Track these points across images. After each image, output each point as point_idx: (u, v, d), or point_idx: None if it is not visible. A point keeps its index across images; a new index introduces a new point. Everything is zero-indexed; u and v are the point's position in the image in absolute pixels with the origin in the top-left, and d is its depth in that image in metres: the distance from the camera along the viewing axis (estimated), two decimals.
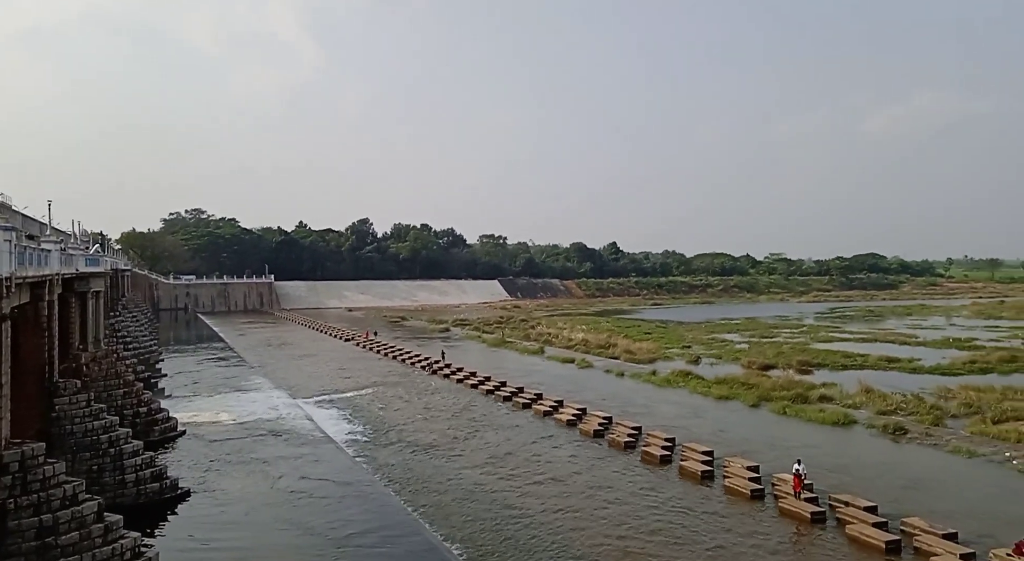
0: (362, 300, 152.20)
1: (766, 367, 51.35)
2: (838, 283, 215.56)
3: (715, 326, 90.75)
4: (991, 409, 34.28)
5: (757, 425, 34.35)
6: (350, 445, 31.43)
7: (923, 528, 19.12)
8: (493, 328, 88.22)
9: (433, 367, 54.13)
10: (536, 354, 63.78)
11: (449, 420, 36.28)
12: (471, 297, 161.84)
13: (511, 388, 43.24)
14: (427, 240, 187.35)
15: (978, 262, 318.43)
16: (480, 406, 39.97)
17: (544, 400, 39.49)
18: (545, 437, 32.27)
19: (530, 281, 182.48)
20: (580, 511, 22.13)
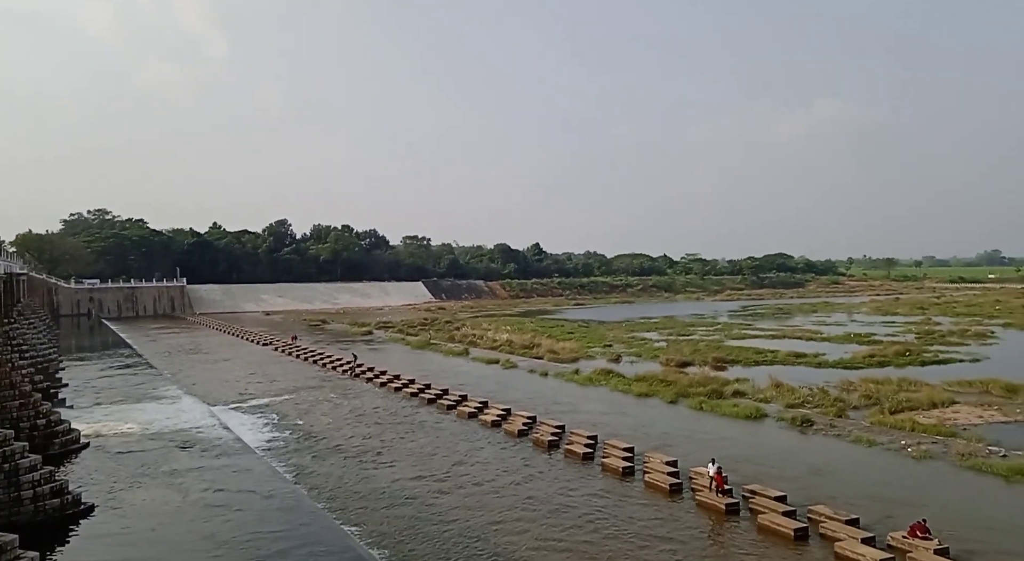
0: (280, 303, 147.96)
1: (683, 364, 53.01)
2: (749, 282, 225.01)
3: (635, 325, 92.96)
4: (888, 400, 36.54)
5: (675, 421, 35.40)
6: (270, 454, 30.41)
7: (828, 515, 20.19)
8: (417, 330, 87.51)
9: (355, 371, 53.19)
10: (461, 356, 63.65)
11: (373, 425, 35.72)
12: (395, 299, 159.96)
13: (436, 390, 42.99)
14: (348, 241, 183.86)
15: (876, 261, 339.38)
16: (405, 410, 39.56)
17: (469, 402, 39.44)
18: (470, 439, 32.24)
19: (454, 282, 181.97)
20: (508, 512, 22.21)
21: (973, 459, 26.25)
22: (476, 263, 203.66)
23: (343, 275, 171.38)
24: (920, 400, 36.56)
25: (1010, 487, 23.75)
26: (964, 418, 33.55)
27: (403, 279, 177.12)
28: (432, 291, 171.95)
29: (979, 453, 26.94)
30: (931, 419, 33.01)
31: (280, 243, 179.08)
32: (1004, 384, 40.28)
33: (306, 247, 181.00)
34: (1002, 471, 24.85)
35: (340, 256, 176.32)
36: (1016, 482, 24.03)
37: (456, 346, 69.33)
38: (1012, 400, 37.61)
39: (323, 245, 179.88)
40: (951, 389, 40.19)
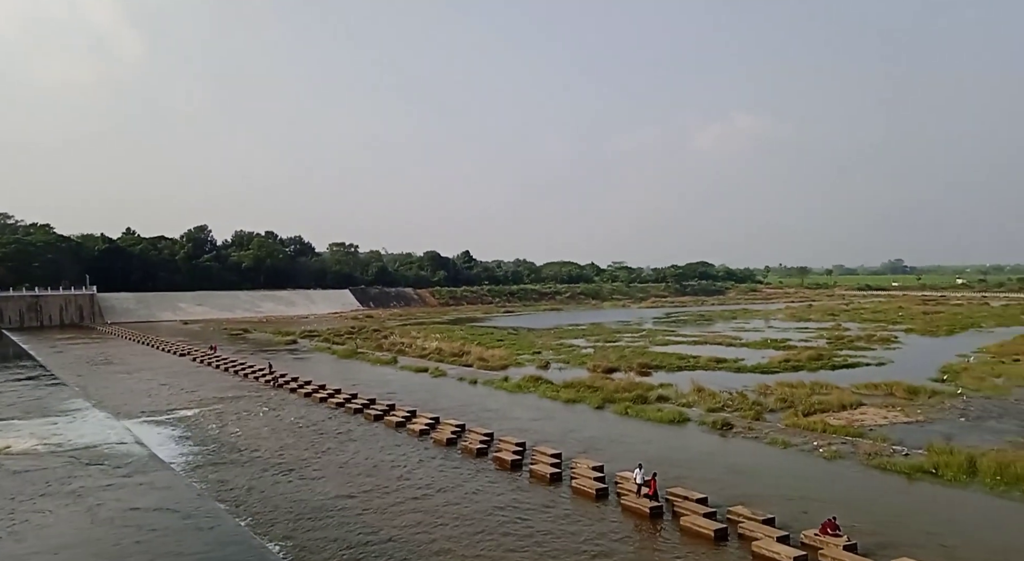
0: (199, 312, 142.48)
1: (610, 370, 53.99)
2: (673, 289, 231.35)
3: (564, 332, 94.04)
4: (802, 403, 38.26)
5: (602, 426, 35.97)
6: (188, 469, 29.17)
7: (746, 515, 20.93)
8: (344, 339, 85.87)
9: (279, 381, 51.73)
10: (389, 364, 62.84)
11: (297, 437, 34.80)
12: (321, 307, 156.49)
13: (363, 400, 42.29)
14: (272, 248, 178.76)
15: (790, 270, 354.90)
16: (331, 421, 38.73)
17: (397, 411, 38.99)
18: (399, 449, 31.84)
19: (383, 290, 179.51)
20: (437, 522, 22.02)
21: (879, 458, 27.74)
22: (405, 271, 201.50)
23: (267, 283, 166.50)
24: (831, 402, 38.43)
25: (912, 484, 25.21)
26: (871, 419, 35.44)
27: (330, 287, 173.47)
28: (360, 299, 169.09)
29: (884, 452, 28.50)
30: (841, 420, 34.72)
31: (199, 250, 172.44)
32: (906, 386, 42.82)
33: (227, 254, 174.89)
34: (904, 469, 26.36)
35: (263, 263, 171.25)
36: (917, 479, 25.54)
37: (384, 355, 68.41)
38: (913, 401, 39.99)
39: (245, 252, 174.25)
40: (859, 392, 42.38)
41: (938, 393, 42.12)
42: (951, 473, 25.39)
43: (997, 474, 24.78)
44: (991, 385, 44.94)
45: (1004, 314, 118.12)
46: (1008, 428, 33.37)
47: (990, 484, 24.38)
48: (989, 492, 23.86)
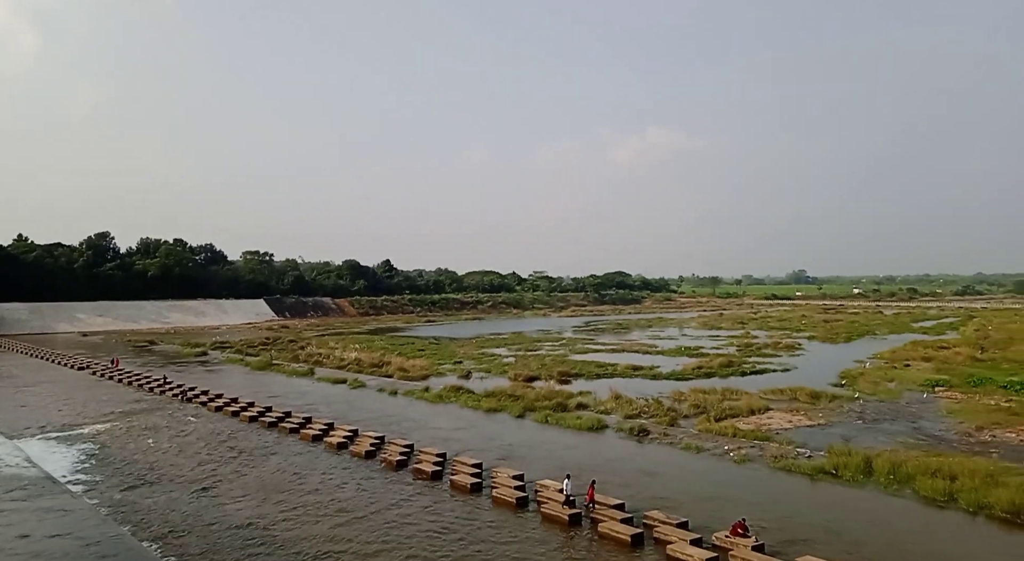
0: (101, 323, 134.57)
1: (531, 379, 54.45)
2: (592, 298, 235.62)
3: (485, 341, 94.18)
4: (714, 409, 39.73)
5: (522, 435, 36.20)
6: (90, 491, 27.33)
7: (661, 520, 21.52)
8: (258, 350, 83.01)
9: (187, 394, 49.50)
10: (305, 376, 61.19)
11: (209, 453, 33.34)
12: (233, 318, 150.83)
13: (277, 413, 41.02)
14: (181, 256, 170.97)
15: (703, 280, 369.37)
16: (243, 435, 37.34)
17: (313, 424, 38.04)
18: (315, 463, 31.02)
19: (300, 300, 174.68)
20: (356, 538, 21.55)
21: (784, 461, 29.10)
22: (323, 280, 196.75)
23: (175, 292, 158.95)
24: (740, 408, 40.07)
25: (814, 485, 26.58)
26: (777, 423, 37.17)
27: (243, 296, 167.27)
28: (275, 309, 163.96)
29: (789, 455, 29.92)
30: (750, 425, 36.25)
31: (101, 257, 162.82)
32: (809, 391, 45.18)
33: (132, 262, 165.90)
34: (808, 471, 27.76)
35: (171, 272, 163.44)
36: (819, 480, 26.94)
37: (301, 366, 66.60)
38: (816, 405, 42.20)
39: (152, 260, 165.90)
40: (766, 397, 44.34)
41: (838, 397, 44.59)
42: (849, 473, 26.90)
43: (890, 473, 26.44)
44: (885, 389, 47.99)
45: (896, 322, 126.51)
46: (900, 429, 35.69)
47: (884, 483, 25.98)
48: (883, 491, 25.41)
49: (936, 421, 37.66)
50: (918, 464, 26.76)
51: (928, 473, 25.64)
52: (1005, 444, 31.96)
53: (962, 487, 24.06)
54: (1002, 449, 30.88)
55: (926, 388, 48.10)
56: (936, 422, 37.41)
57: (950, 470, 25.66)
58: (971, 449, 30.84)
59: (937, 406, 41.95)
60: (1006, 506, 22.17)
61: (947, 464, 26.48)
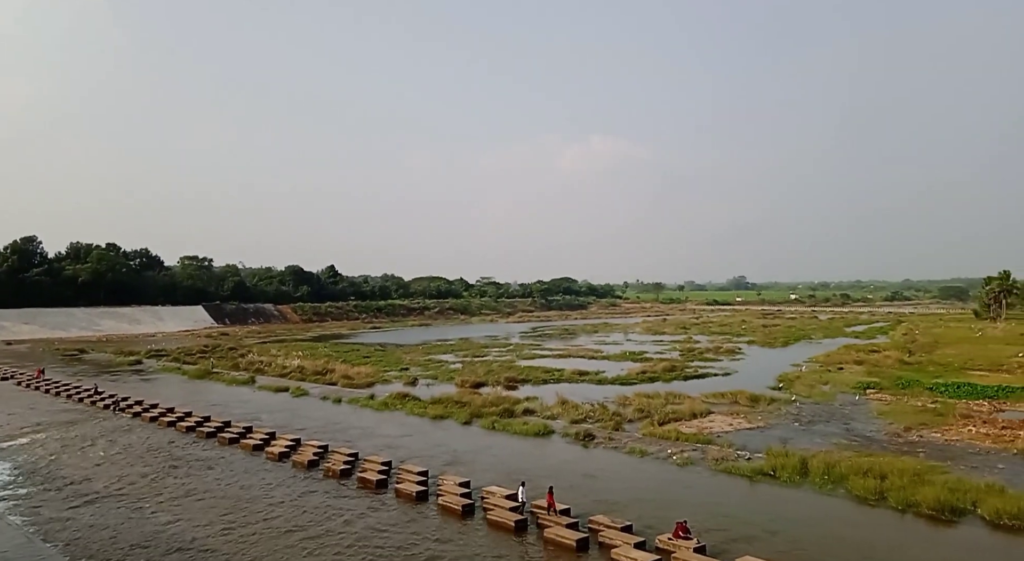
0: (27, 331, 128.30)
1: (478, 385, 54.36)
2: (539, 304, 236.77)
3: (432, 347, 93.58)
4: (657, 413, 40.39)
5: (469, 441, 36.06)
6: (14, 509, 25.96)
7: (606, 524, 21.72)
8: (196, 358, 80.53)
9: (120, 405, 47.62)
10: (246, 384, 59.63)
11: (143, 466, 32.08)
12: (170, 325, 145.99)
13: (216, 423, 39.87)
14: (114, 261, 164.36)
15: (647, 285, 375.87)
16: (180, 446, 36.11)
17: (254, 433, 37.10)
18: (256, 474, 30.22)
19: (240, 306, 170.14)
20: (298, 553, 21.07)
21: (725, 463, 29.77)
22: (265, 286, 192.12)
23: (108, 299, 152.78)
24: (683, 412, 40.85)
25: (753, 486, 27.25)
26: (718, 426, 38.01)
27: (180, 303, 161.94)
28: (214, 316, 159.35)
29: (730, 458, 30.63)
30: (692, 428, 36.98)
31: (27, 263, 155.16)
32: (749, 395, 46.39)
33: (61, 268, 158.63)
34: (747, 472, 28.46)
35: (104, 278, 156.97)
36: (758, 481, 27.64)
37: (241, 374, 64.88)
38: (755, 408, 43.35)
39: (83, 265, 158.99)
40: (708, 401, 45.35)
41: (776, 400, 45.92)
42: (787, 474, 27.70)
43: (825, 474, 27.34)
44: (820, 392, 49.65)
45: (830, 326, 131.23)
46: (834, 431, 36.95)
47: (819, 483, 26.84)
48: (819, 490, 26.25)
49: (867, 422, 39.13)
50: (851, 464, 27.75)
51: (860, 473, 26.60)
52: (931, 444, 33.42)
53: (891, 486, 25.04)
54: (928, 449, 32.28)
55: (858, 390, 49.96)
56: (867, 423, 38.87)
57: (880, 470, 26.69)
58: (900, 449, 32.15)
59: (868, 408, 43.60)
60: (932, 504, 23.16)
61: (877, 464, 27.54)
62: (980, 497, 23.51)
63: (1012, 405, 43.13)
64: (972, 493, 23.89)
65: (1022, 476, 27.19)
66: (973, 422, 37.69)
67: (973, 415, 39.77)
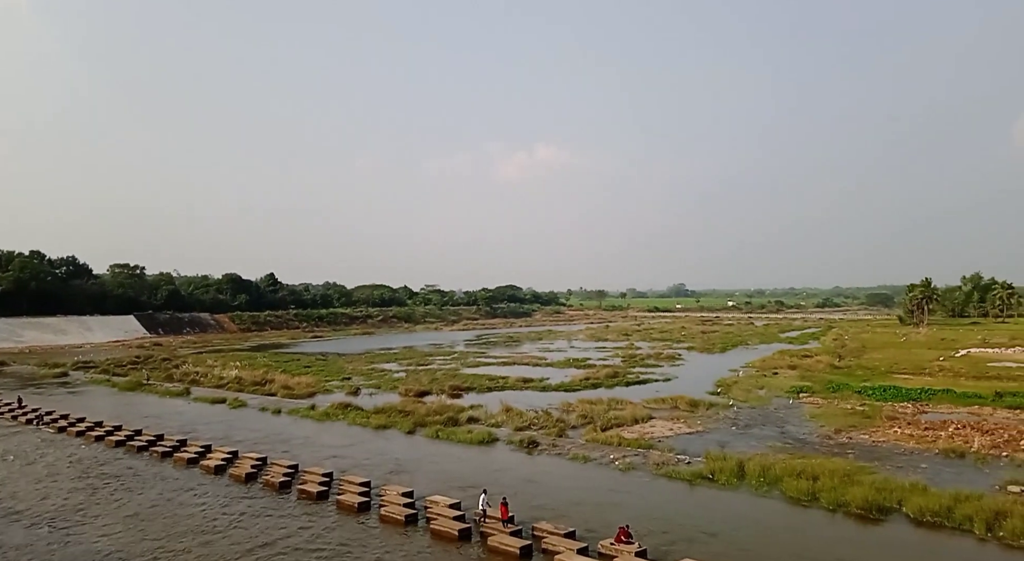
0: None
1: (422, 394, 53.94)
2: (484, 312, 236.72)
3: (375, 356, 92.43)
4: (600, 419, 40.85)
5: (413, 450, 35.74)
6: None
7: (549, 530, 21.83)
8: (127, 370, 77.42)
9: (44, 419, 45.39)
10: (180, 396, 57.64)
11: (70, 483, 30.57)
12: (99, 335, 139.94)
13: (148, 436, 38.43)
14: (38, 269, 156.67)
15: (590, 293, 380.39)
16: (108, 462, 34.62)
17: (188, 447, 35.91)
18: (191, 488, 29.22)
19: (175, 316, 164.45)
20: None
21: (666, 467, 30.31)
22: (201, 295, 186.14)
23: (31, 308, 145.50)
24: (625, 417, 41.45)
25: (692, 490, 27.84)
26: (659, 431, 38.70)
27: (110, 313, 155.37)
28: (147, 326, 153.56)
29: (670, 462, 31.21)
30: (634, 434, 37.53)
31: None
32: (688, 400, 47.40)
33: None
34: (687, 476, 29.03)
35: (27, 287, 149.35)
36: (697, 485, 28.24)
37: (175, 386, 62.70)
38: (694, 413, 44.32)
39: (3, 273, 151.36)
40: (649, 406, 46.11)
41: (714, 405, 47.06)
42: (725, 477, 28.40)
43: (761, 476, 28.14)
44: (756, 396, 51.11)
45: (765, 333, 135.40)
46: (769, 434, 38.07)
47: (756, 485, 27.60)
48: (755, 492, 26.99)
49: (800, 425, 40.47)
50: (785, 466, 28.63)
51: (794, 474, 27.47)
52: (860, 445, 34.78)
53: (823, 487, 25.93)
54: (857, 450, 33.58)
55: (791, 394, 51.64)
56: (800, 426, 40.20)
57: (813, 471, 27.61)
58: (831, 450, 33.35)
59: (801, 411, 45.10)
60: (861, 503, 24.11)
61: (810, 466, 28.49)
62: (905, 496, 24.57)
63: (934, 407, 45.28)
64: (898, 492, 24.95)
65: (943, 475, 28.56)
66: (898, 424, 39.40)
67: (898, 417, 41.59)
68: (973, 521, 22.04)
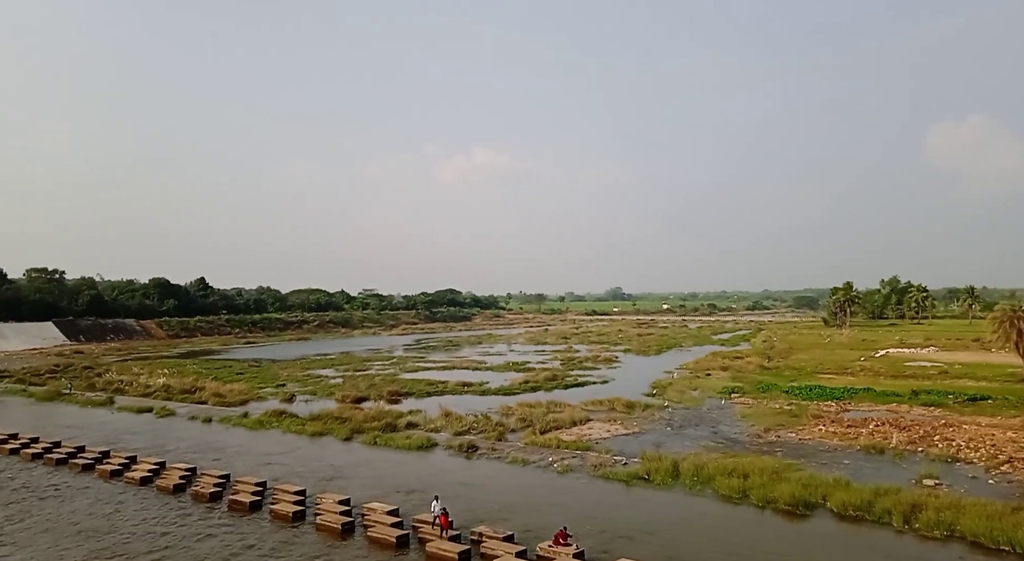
0: None
1: (359, 400, 53.15)
2: (423, 316, 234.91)
3: (311, 362, 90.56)
4: (539, 422, 41.14)
5: (350, 457, 35.17)
6: None
7: (488, 534, 21.84)
8: (45, 379, 73.58)
9: None
10: (104, 406, 55.13)
11: None
12: (14, 343, 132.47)
13: (68, 448, 36.64)
14: None
15: (529, 297, 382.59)
16: (24, 476, 32.81)
17: (112, 458, 34.40)
18: (115, 502, 27.97)
19: (98, 322, 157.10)
20: None
21: (603, 469, 30.75)
22: (127, 300, 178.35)
23: None
24: (564, 420, 41.85)
25: (630, 490, 28.34)
26: (597, 433, 39.23)
27: (27, 319, 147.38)
28: (67, 333, 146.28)
29: (607, 463, 31.67)
30: (572, 436, 37.96)
31: None
32: (625, 402, 48.24)
33: None
34: (624, 477, 29.53)
35: None
36: (634, 485, 28.76)
37: (98, 395, 59.91)
38: (631, 414, 45.12)
39: None
40: (587, 408, 46.68)
41: (650, 406, 48.04)
42: (660, 477, 29.02)
43: (694, 475, 28.88)
44: (690, 397, 52.40)
45: (699, 335, 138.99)
46: (702, 434, 39.09)
47: (689, 484, 28.30)
48: (689, 491, 27.68)
49: (732, 425, 41.71)
50: (717, 465, 29.45)
51: (726, 473, 28.29)
52: (787, 443, 36.09)
53: (753, 484, 26.80)
54: (785, 448, 34.84)
55: (723, 395, 53.18)
56: (732, 426, 41.43)
57: (743, 469, 28.50)
58: (760, 449, 34.49)
59: (733, 411, 46.49)
60: (788, 499, 25.04)
61: (741, 464, 29.40)
62: (829, 491, 25.62)
63: (855, 405, 47.39)
64: (822, 488, 26.00)
65: (864, 470, 29.92)
66: (823, 422, 41.06)
67: (823, 415, 43.33)
68: (892, 514, 23.17)
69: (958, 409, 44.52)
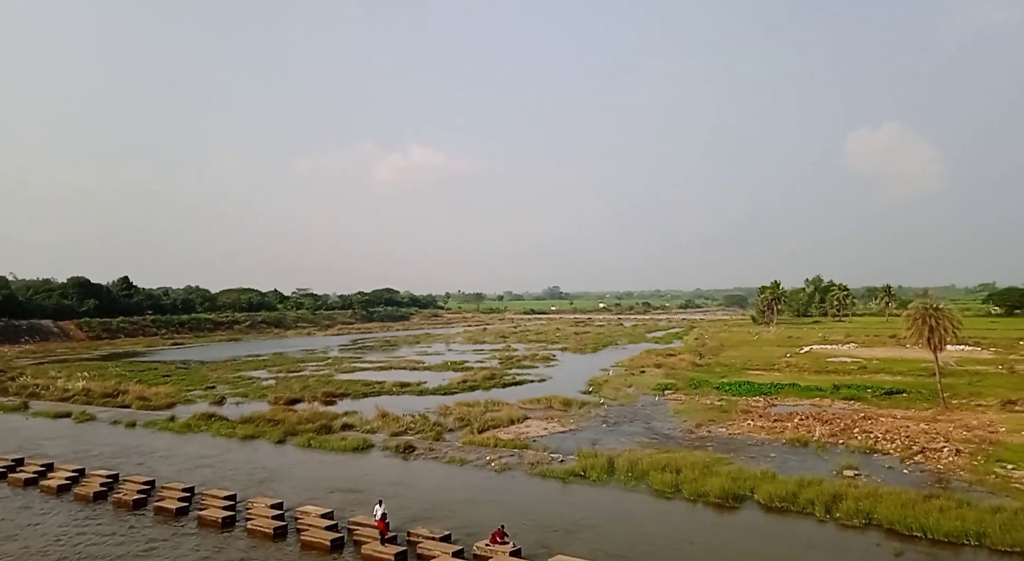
0: None
1: (293, 401, 52.01)
2: (360, 316, 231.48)
3: (242, 363, 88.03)
4: (477, 421, 41.16)
5: (283, 460, 34.39)
6: None
7: (424, 535, 21.75)
8: None
9: None
10: (17, 411, 52.23)
11: None
12: None
13: None
14: None
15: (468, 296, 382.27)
16: None
17: (26, 465, 32.66)
18: (30, 511, 26.57)
19: (10, 323, 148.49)
20: None
21: (540, 467, 31.00)
22: (43, 300, 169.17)
23: None
24: (501, 418, 42.00)
25: (566, 487, 28.65)
26: (534, 431, 39.51)
27: None
28: None
29: (544, 461, 31.95)
30: (510, 434, 38.11)
31: None
32: (562, 399, 48.75)
33: None
34: (560, 474, 29.85)
35: None
36: (570, 482, 29.10)
37: (11, 400, 56.74)
38: (568, 412, 45.63)
39: None
40: (525, 406, 46.96)
41: (586, 403, 48.68)
42: (596, 474, 29.46)
43: (629, 471, 29.44)
44: (625, 394, 53.36)
45: (634, 333, 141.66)
46: (637, 430, 39.87)
47: (624, 480, 28.83)
48: (624, 487, 28.19)
49: (665, 421, 42.69)
50: (651, 461, 30.10)
51: (659, 468, 28.95)
52: (718, 438, 37.18)
53: (685, 478, 27.52)
54: (716, 442, 35.88)
55: (657, 392, 54.37)
56: (665, 421, 42.40)
57: (676, 464, 29.23)
58: (692, 444, 35.42)
59: (666, 407, 47.58)
60: (718, 493, 25.82)
61: (673, 459, 30.13)
62: (757, 484, 26.56)
63: (781, 400, 49.20)
64: (750, 481, 26.92)
65: (790, 463, 31.10)
66: (751, 417, 42.48)
67: (751, 410, 44.83)
68: (815, 504, 24.18)
69: (876, 402, 46.76)
